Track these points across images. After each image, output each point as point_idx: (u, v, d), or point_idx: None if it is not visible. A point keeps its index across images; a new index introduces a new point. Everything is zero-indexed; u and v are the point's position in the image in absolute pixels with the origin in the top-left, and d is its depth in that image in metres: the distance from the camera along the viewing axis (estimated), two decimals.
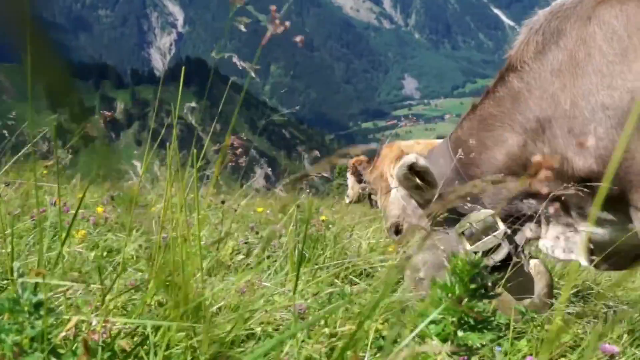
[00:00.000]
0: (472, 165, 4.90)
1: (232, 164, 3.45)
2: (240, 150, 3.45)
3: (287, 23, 2.51)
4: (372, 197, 16.85)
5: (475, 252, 4.50)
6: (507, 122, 4.78)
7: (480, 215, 4.73)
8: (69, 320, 2.41)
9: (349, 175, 17.15)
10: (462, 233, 4.77)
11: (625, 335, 4.08)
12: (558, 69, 4.62)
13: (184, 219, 3.35)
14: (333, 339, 3.12)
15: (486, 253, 4.60)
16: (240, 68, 2.98)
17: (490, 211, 4.73)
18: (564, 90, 4.55)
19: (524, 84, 4.79)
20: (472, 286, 2.30)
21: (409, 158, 4.82)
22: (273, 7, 2.43)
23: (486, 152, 4.84)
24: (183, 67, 3.70)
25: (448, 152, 5.10)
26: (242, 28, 2.70)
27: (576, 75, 4.50)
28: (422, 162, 4.79)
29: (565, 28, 4.68)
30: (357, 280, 5.14)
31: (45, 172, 7.73)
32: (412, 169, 4.79)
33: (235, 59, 3.01)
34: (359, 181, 16.59)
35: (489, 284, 2.33)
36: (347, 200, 17.26)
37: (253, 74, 2.75)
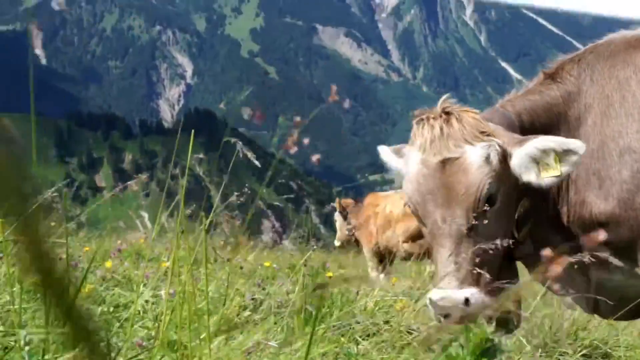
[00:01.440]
0: None
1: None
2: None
3: (307, 141, 2.55)
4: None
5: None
6: None
7: None
8: None
9: (336, 216, 17.07)
10: None
11: None
12: (590, 104, 4.66)
13: (191, 275, 3.35)
14: None
15: None
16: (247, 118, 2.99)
17: None
18: (593, 129, 4.58)
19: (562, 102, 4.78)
20: (484, 359, 2.29)
21: None
22: (292, 137, 2.46)
23: None
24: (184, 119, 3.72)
25: None
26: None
27: (608, 116, 4.53)
28: None
29: (600, 65, 4.73)
30: (361, 340, 5.11)
31: (54, 224, 7.72)
32: None
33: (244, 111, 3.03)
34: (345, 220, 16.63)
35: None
36: (337, 244, 17.17)
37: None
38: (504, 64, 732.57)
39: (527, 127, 4.72)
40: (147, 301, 5.55)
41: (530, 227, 4.70)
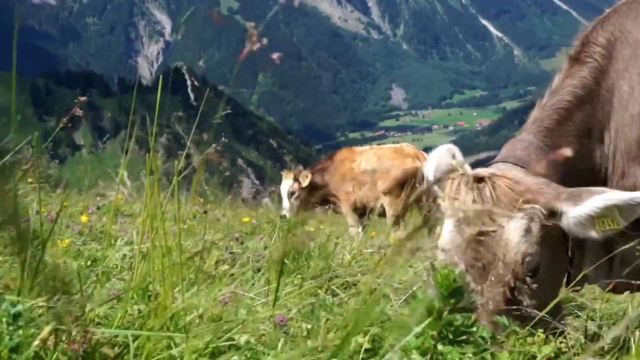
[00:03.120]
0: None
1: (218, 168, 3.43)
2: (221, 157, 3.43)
3: (265, 40, 2.49)
4: (331, 200, 16.48)
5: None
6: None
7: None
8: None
9: (292, 186, 16.18)
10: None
11: (607, 348, 4.08)
12: (623, 68, 4.42)
13: (165, 228, 3.33)
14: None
15: None
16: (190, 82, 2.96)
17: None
18: (631, 94, 4.36)
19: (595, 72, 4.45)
20: (452, 300, 2.30)
21: None
22: (252, 24, 2.40)
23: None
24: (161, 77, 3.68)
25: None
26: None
27: None
28: None
29: (629, 25, 4.50)
30: (339, 292, 5.12)
31: (30, 180, 7.71)
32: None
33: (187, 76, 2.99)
34: (308, 191, 15.92)
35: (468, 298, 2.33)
36: (287, 214, 15.53)
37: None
38: (484, 22, 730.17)
39: (562, 141, 4.39)
40: (124, 255, 5.55)
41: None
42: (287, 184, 16.03)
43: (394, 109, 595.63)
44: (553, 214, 4.02)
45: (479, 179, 4.12)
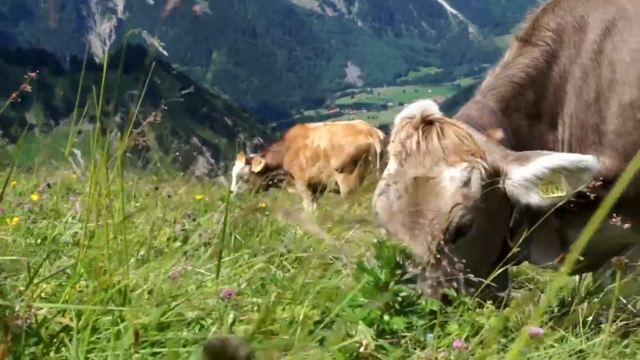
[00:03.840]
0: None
1: (139, 145, 3.39)
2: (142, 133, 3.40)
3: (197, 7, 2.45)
4: (283, 180, 16.36)
5: None
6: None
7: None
8: None
9: (243, 170, 15.92)
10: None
11: (556, 319, 4.12)
12: (576, 54, 4.39)
13: (115, 206, 3.32)
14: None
15: None
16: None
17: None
18: (585, 80, 4.33)
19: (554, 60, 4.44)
20: (398, 271, 2.30)
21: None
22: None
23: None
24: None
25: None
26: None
27: (600, 64, 4.30)
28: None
29: (581, 9, 4.47)
30: (289, 266, 5.11)
31: None
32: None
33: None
34: (262, 172, 15.78)
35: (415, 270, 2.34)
36: (238, 190, 15.55)
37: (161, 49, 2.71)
38: None
39: (515, 115, 4.42)
40: (76, 233, 5.51)
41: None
42: (238, 166, 16.01)
43: (349, 86, 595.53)
44: (497, 174, 4.01)
45: (429, 122, 4.09)
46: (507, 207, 4.11)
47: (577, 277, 5.02)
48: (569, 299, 4.55)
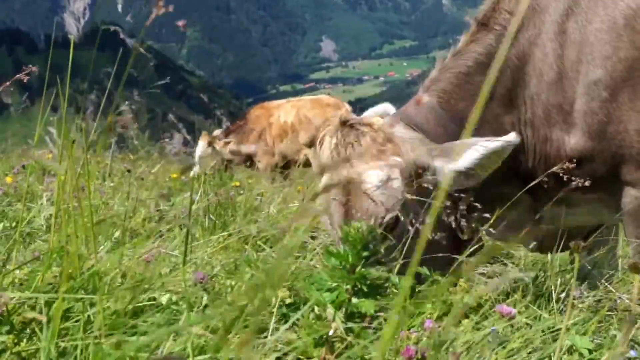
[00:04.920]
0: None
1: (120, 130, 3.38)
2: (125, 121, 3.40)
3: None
4: (251, 160, 16.22)
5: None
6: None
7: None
8: None
9: (205, 150, 15.69)
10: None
11: (529, 297, 4.14)
12: (535, 35, 4.34)
13: (90, 186, 3.31)
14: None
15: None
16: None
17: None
18: (544, 61, 4.30)
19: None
20: (365, 254, 2.31)
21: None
22: None
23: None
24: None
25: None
26: None
27: (563, 45, 4.26)
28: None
29: None
30: (264, 246, 5.11)
31: None
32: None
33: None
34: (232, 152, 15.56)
35: (382, 250, 2.34)
36: (198, 171, 14.26)
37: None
38: None
39: (461, 103, 4.38)
40: (50, 215, 5.48)
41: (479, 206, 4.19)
42: (201, 146, 15.76)
43: (324, 60, 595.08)
44: (424, 169, 4.03)
45: (348, 125, 4.12)
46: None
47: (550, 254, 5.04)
48: (542, 274, 4.58)
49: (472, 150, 3.90)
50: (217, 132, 16.18)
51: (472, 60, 4.42)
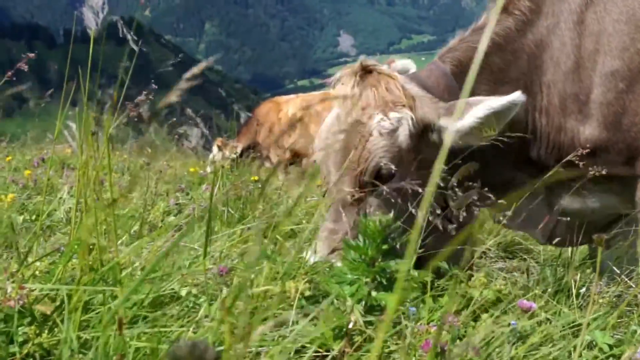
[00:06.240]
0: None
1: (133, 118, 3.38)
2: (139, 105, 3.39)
3: None
4: (265, 155, 16.10)
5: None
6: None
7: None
8: None
9: (215, 155, 15.67)
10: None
11: (549, 290, 4.13)
12: (554, 24, 4.35)
13: (111, 180, 3.32)
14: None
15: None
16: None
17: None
18: (562, 50, 4.30)
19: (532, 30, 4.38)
20: (384, 247, 2.31)
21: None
22: None
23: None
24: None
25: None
26: None
27: (581, 35, 4.26)
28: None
29: None
30: (281, 239, 5.10)
31: None
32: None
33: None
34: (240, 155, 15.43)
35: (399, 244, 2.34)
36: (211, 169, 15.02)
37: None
38: None
39: (477, 83, 4.33)
40: (70, 208, 5.51)
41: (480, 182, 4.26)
42: (214, 150, 15.81)
43: (342, 55, 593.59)
44: (429, 128, 4.10)
45: (368, 71, 4.22)
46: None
47: (570, 248, 5.03)
48: (562, 269, 4.57)
49: (476, 109, 3.94)
50: (232, 142, 16.10)
51: (489, 38, 4.39)
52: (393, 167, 4.00)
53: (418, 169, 4.10)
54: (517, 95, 3.92)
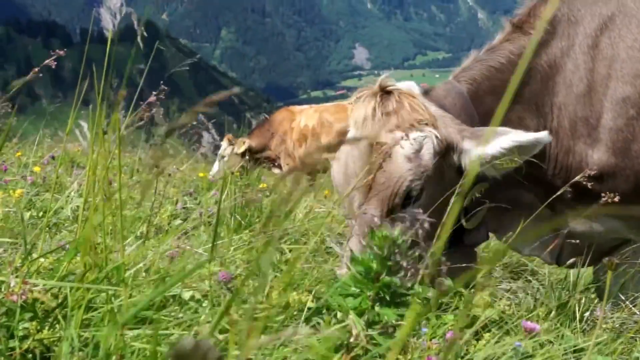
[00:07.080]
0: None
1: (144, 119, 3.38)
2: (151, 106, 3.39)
3: None
4: (274, 162, 16.05)
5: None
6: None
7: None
8: None
9: (225, 150, 15.62)
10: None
11: (553, 312, 4.12)
12: (569, 46, 4.35)
13: (120, 181, 3.31)
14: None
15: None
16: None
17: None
18: (575, 73, 4.30)
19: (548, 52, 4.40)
20: (389, 262, 2.30)
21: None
22: None
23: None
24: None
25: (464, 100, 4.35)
26: None
27: (594, 59, 4.25)
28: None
29: (579, 2, 4.43)
30: (286, 248, 5.09)
31: None
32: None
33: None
34: (248, 154, 15.36)
35: (407, 261, 2.33)
36: (211, 176, 14.59)
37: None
38: None
39: (488, 98, 4.39)
40: (78, 206, 5.51)
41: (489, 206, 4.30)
42: (223, 146, 15.76)
43: (356, 68, 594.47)
44: (451, 147, 4.05)
45: (387, 91, 4.14)
46: (457, 182, 4.01)
47: (574, 271, 5.01)
48: (566, 292, 4.55)
49: (503, 139, 3.90)
50: (246, 140, 16.02)
51: (505, 57, 4.42)
52: (421, 187, 3.97)
53: (437, 190, 4.03)
54: (544, 134, 3.91)
